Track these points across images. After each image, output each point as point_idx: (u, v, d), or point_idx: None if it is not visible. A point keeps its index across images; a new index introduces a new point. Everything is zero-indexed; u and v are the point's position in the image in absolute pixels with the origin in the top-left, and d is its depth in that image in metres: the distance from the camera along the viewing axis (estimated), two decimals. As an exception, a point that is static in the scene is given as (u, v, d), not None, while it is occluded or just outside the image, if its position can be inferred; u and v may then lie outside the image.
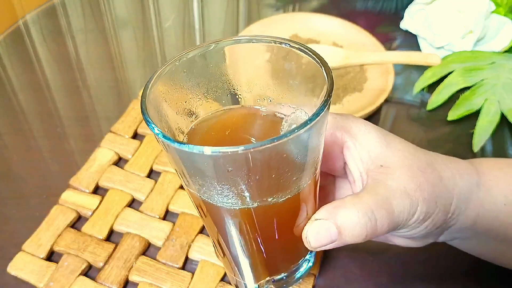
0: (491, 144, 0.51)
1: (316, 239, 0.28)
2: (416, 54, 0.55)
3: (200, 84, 0.30)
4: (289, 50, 0.28)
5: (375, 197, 0.28)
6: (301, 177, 0.26)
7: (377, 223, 0.28)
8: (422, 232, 0.32)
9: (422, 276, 0.41)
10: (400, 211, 0.29)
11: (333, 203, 0.29)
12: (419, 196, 0.29)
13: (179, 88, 0.29)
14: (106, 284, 0.38)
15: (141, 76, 0.57)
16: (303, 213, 0.28)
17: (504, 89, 0.53)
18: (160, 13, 0.65)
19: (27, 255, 0.40)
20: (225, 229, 0.28)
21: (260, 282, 0.32)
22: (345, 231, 0.28)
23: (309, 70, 0.27)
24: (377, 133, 0.31)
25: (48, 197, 0.44)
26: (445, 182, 0.31)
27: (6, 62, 0.57)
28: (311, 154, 0.26)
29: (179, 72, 0.28)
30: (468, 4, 0.55)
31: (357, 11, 0.67)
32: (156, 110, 0.27)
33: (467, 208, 0.32)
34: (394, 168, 0.30)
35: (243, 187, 0.24)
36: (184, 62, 0.28)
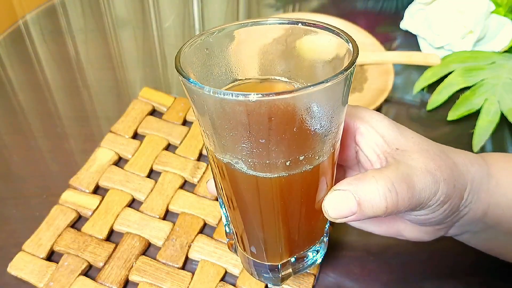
0: (491, 144, 0.51)
1: (334, 209, 0.28)
2: (416, 54, 0.55)
3: (222, 62, 0.30)
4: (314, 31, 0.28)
5: (396, 171, 0.28)
6: (323, 145, 0.26)
7: (398, 196, 0.27)
8: (440, 217, 0.31)
9: (422, 276, 0.41)
10: (422, 188, 0.28)
11: (354, 176, 0.28)
12: (440, 176, 0.29)
13: (201, 63, 0.29)
14: (106, 284, 0.38)
15: (141, 76, 0.57)
16: (322, 186, 0.28)
17: (504, 89, 0.53)
18: (160, 13, 0.65)
19: (27, 255, 0.40)
20: (248, 200, 0.28)
21: (282, 261, 0.32)
22: (364, 202, 0.27)
23: (332, 49, 0.28)
24: (389, 122, 0.31)
25: (48, 197, 0.44)
26: (459, 168, 0.31)
27: (6, 62, 0.57)
28: (335, 118, 0.26)
29: (202, 49, 0.28)
30: (468, 4, 0.55)
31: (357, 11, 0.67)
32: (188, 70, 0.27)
33: (479, 197, 0.32)
34: (411, 151, 0.30)
35: (269, 145, 0.24)
36: (207, 40, 0.28)
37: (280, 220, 0.29)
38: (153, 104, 0.52)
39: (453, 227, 0.34)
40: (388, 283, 0.40)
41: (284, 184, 0.26)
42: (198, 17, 0.65)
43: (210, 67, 0.29)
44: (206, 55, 0.29)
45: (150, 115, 0.51)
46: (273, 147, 0.25)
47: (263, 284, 0.39)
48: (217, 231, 0.42)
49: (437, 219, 0.32)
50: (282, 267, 0.32)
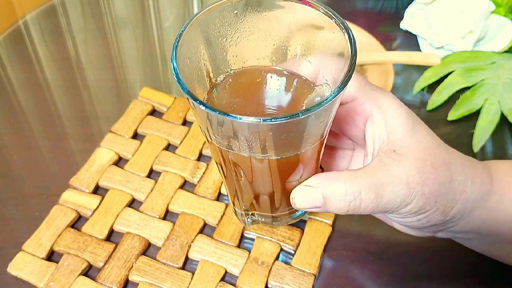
0: (491, 144, 0.51)
1: (301, 202, 0.30)
2: (416, 54, 0.55)
3: (236, 34, 0.31)
4: (319, 16, 0.29)
5: (370, 178, 0.29)
6: (305, 143, 0.28)
7: (361, 204, 0.29)
8: (414, 224, 0.32)
9: (422, 276, 0.41)
10: (392, 199, 0.29)
11: (328, 174, 0.30)
12: (419, 190, 0.29)
13: (217, 32, 0.30)
14: (106, 284, 0.38)
15: (141, 76, 0.57)
16: (299, 172, 0.30)
17: (504, 89, 0.53)
18: (160, 13, 0.65)
19: (27, 255, 0.40)
20: (231, 166, 0.30)
21: (251, 212, 0.35)
22: (329, 202, 0.29)
23: (333, 38, 0.29)
24: (406, 119, 0.31)
25: (48, 197, 0.44)
26: (454, 185, 0.31)
27: (6, 62, 0.57)
28: (320, 128, 0.28)
29: (222, 16, 0.29)
30: (468, 4, 0.55)
31: (357, 11, 0.67)
32: (185, 59, 0.28)
33: (471, 214, 0.32)
34: (407, 156, 0.30)
35: (257, 145, 0.27)
36: (206, 16, 0.29)
37: (265, 189, 0.32)
38: (153, 104, 0.52)
39: (441, 232, 0.34)
40: (388, 283, 0.40)
41: (273, 164, 0.29)
42: (198, 17, 0.65)
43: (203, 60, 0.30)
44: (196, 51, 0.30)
45: (150, 115, 0.51)
46: (254, 147, 0.27)
47: (263, 285, 0.39)
48: (217, 231, 0.42)
49: (411, 224, 0.32)
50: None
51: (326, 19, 0.28)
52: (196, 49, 0.29)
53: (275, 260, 0.40)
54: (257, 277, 0.39)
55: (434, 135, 0.32)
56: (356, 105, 0.31)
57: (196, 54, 0.29)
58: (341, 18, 0.28)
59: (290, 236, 0.41)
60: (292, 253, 0.41)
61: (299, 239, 0.41)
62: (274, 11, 0.30)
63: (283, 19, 0.30)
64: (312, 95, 0.30)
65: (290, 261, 0.41)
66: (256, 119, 0.24)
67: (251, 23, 0.31)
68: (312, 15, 0.29)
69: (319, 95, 0.30)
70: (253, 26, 0.31)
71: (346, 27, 0.28)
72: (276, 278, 0.39)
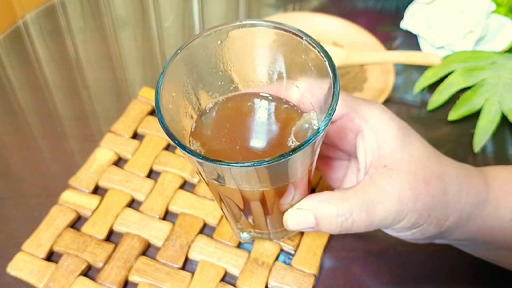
0: (491, 144, 0.51)
1: (294, 224, 0.31)
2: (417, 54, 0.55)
3: (209, 68, 0.31)
4: (303, 44, 0.29)
5: (362, 197, 0.29)
6: (295, 174, 0.28)
7: (353, 224, 0.29)
8: (409, 237, 0.32)
9: (422, 276, 0.40)
10: (384, 217, 0.29)
11: (320, 195, 0.30)
12: (411, 206, 0.29)
13: (188, 74, 0.30)
14: (106, 284, 0.38)
15: (141, 76, 0.57)
16: (290, 196, 0.31)
17: (504, 89, 0.53)
18: (160, 13, 0.65)
19: (27, 255, 0.40)
20: (221, 195, 0.31)
21: (246, 230, 0.37)
22: (322, 223, 0.30)
23: (317, 65, 0.28)
24: (397, 132, 0.30)
25: (48, 197, 0.44)
26: (448, 197, 0.31)
27: (6, 62, 0.57)
28: (308, 160, 0.28)
29: (188, 59, 0.29)
30: (469, 4, 0.55)
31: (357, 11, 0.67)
32: (170, 95, 0.29)
33: (466, 224, 0.32)
34: (398, 171, 0.29)
35: (248, 182, 0.27)
36: (190, 49, 0.29)
37: (257, 213, 0.32)
38: (153, 104, 0.52)
39: (437, 240, 0.34)
40: (388, 283, 0.40)
41: (262, 194, 0.29)
42: (198, 17, 0.65)
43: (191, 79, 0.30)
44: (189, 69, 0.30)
45: (150, 115, 0.51)
46: (253, 182, 0.28)
47: (263, 285, 0.39)
48: (217, 231, 0.42)
49: (406, 237, 0.32)
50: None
51: (309, 47, 0.28)
52: (180, 83, 0.29)
53: (275, 261, 0.40)
54: (257, 277, 0.39)
55: (427, 145, 0.31)
56: (345, 121, 0.31)
57: (181, 88, 0.29)
58: (322, 48, 0.28)
59: (290, 236, 0.41)
60: (292, 253, 0.41)
61: (299, 239, 0.41)
62: (258, 38, 0.30)
63: (266, 45, 0.30)
64: (300, 122, 0.30)
65: (290, 262, 0.40)
66: (246, 164, 0.24)
67: (236, 51, 0.31)
68: (295, 43, 0.29)
69: (307, 122, 0.30)
70: (238, 53, 0.31)
71: (328, 57, 0.27)
72: (276, 279, 0.39)
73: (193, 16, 0.65)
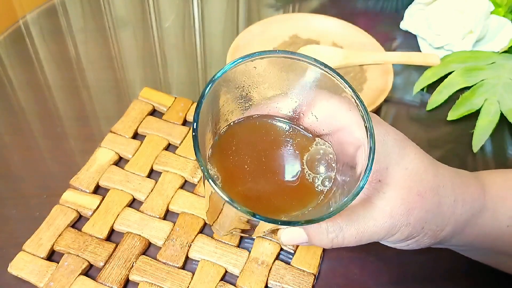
0: (491, 144, 0.51)
1: (287, 240, 0.31)
2: (416, 54, 0.55)
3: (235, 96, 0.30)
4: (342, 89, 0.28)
5: (350, 215, 0.30)
6: None
7: (344, 240, 0.30)
8: (404, 248, 0.32)
9: (422, 277, 0.41)
10: (375, 232, 0.30)
11: None
12: (404, 221, 0.30)
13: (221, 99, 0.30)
14: (107, 283, 0.38)
15: (141, 76, 0.57)
16: None
17: (504, 89, 0.53)
18: (160, 13, 0.65)
19: (28, 255, 0.40)
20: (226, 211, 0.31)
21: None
22: (313, 239, 0.30)
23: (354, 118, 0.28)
24: (392, 146, 0.30)
25: (49, 197, 0.44)
26: (443, 209, 0.31)
27: (6, 62, 0.57)
28: None
29: (247, 72, 0.29)
30: (468, 5, 0.55)
31: (357, 11, 0.67)
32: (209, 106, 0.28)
33: (463, 232, 0.32)
34: (392, 187, 0.30)
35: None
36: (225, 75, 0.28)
37: None
38: (153, 104, 0.52)
39: (434, 246, 0.34)
40: (388, 283, 0.40)
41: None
42: (198, 17, 0.65)
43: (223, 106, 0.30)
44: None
45: (150, 115, 0.51)
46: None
47: (263, 285, 0.39)
48: (217, 231, 0.42)
49: (401, 248, 0.33)
50: None
51: (348, 97, 0.28)
52: (209, 109, 0.28)
53: (275, 260, 0.40)
54: (257, 277, 0.39)
55: (423, 156, 0.31)
56: (345, 134, 0.31)
57: (207, 114, 0.28)
58: (363, 103, 0.27)
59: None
60: (292, 253, 0.41)
61: (299, 239, 0.41)
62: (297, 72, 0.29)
63: (304, 81, 0.30)
64: (313, 150, 0.31)
65: (290, 261, 0.41)
66: (268, 219, 0.24)
67: (268, 78, 0.30)
68: (333, 85, 0.29)
69: (321, 149, 0.30)
70: (269, 79, 0.30)
71: (367, 117, 0.27)
72: (276, 278, 0.39)
73: (193, 16, 0.65)
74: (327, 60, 0.56)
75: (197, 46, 0.61)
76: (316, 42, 0.59)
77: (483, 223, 0.32)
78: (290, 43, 0.58)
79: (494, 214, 0.32)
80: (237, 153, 0.30)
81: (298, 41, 0.59)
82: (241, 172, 0.29)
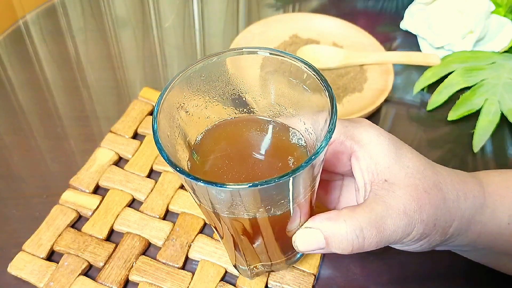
0: (491, 144, 0.51)
1: (303, 245, 0.30)
2: (416, 54, 0.55)
3: (209, 95, 0.31)
4: (297, 68, 0.28)
5: (369, 214, 0.29)
6: (297, 198, 0.27)
7: (364, 241, 0.29)
8: (417, 249, 0.32)
9: (422, 277, 0.41)
10: (393, 231, 0.29)
11: (327, 214, 0.29)
12: (418, 218, 0.29)
13: (190, 98, 0.30)
14: (106, 284, 0.38)
15: (141, 76, 0.57)
16: (296, 221, 0.30)
17: (504, 89, 0.53)
18: (160, 13, 0.65)
19: (28, 255, 0.40)
20: (227, 227, 0.30)
21: (254, 265, 0.35)
22: (332, 242, 0.29)
23: (313, 87, 0.28)
24: (388, 146, 0.30)
25: (48, 197, 0.44)
26: (448, 204, 0.31)
27: (6, 62, 0.57)
28: (310, 181, 0.27)
29: (190, 83, 0.29)
30: (469, 4, 0.55)
31: (357, 11, 0.67)
32: (168, 122, 0.28)
33: (468, 229, 0.32)
34: (398, 185, 0.30)
35: (245, 210, 0.27)
36: (190, 75, 0.29)
37: (255, 243, 0.31)
38: (153, 104, 0.52)
39: (439, 247, 0.34)
40: (388, 283, 0.40)
41: (259, 222, 0.28)
42: (198, 17, 0.65)
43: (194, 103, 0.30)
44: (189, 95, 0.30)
45: (150, 115, 0.51)
46: (248, 210, 0.27)
47: (263, 285, 0.39)
48: (217, 231, 0.42)
49: (413, 249, 0.32)
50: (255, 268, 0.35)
51: (302, 68, 0.28)
52: (171, 122, 0.29)
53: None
54: (257, 277, 0.39)
55: (419, 155, 0.31)
56: (336, 145, 0.31)
57: (173, 127, 0.29)
58: (312, 66, 0.27)
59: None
60: (292, 253, 0.41)
61: (299, 239, 0.41)
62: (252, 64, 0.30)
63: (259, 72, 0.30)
64: (293, 141, 0.30)
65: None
66: (243, 185, 0.23)
67: (221, 83, 0.30)
68: (287, 67, 0.29)
69: (298, 140, 0.30)
70: (222, 87, 0.30)
71: (323, 79, 0.27)
72: (276, 278, 0.39)
73: (193, 16, 0.65)
74: (327, 60, 0.56)
75: (197, 46, 0.61)
76: (316, 42, 0.59)
77: (484, 221, 0.32)
78: (290, 43, 0.58)
79: (494, 212, 0.33)
80: (217, 161, 0.30)
81: (298, 41, 0.59)
82: (226, 178, 0.29)
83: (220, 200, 0.26)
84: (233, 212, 0.27)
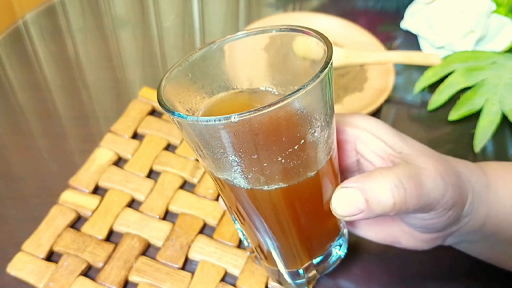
0: (492, 145, 0.51)
1: (342, 207, 0.27)
2: (417, 54, 0.55)
3: (206, 83, 0.30)
4: (283, 35, 0.28)
5: (404, 169, 0.27)
6: (316, 152, 0.25)
7: (406, 192, 0.27)
8: (444, 223, 0.31)
9: (422, 277, 0.40)
10: (431, 188, 0.28)
11: (361, 174, 0.28)
12: (449, 180, 0.28)
13: (186, 90, 0.29)
14: (106, 284, 0.38)
15: (141, 76, 0.57)
16: (326, 190, 0.28)
17: (505, 89, 0.53)
18: (160, 13, 0.65)
19: (27, 255, 0.39)
20: (253, 213, 0.28)
21: (304, 266, 0.31)
22: (371, 198, 0.26)
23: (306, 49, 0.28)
24: (389, 127, 0.31)
25: (48, 197, 0.44)
26: (462, 176, 0.31)
27: (5, 62, 0.57)
28: (322, 123, 0.25)
29: (184, 76, 0.29)
30: (469, 4, 0.55)
31: (357, 11, 0.67)
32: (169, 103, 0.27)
33: (478, 207, 0.32)
34: (416, 155, 0.29)
35: (261, 160, 0.24)
36: (188, 65, 0.28)
37: (289, 228, 0.28)
38: (153, 104, 0.51)
39: (451, 237, 0.34)
40: (388, 283, 0.40)
41: (285, 194, 0.26)
42: (198, 17, 0.65)
43: (196, 89, 0.29)
44: (189, 80, 0.29)
45: (150, 115, 0.51)
46: (266, 162, 0.24)
47: (263, 285, 0.39)
48: (217, 231, 0.42)
49: (440, 225, 0.31)
50: (305, 271, 0.32)
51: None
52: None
53: (275, 261, 0.40)
54: (257, 277, 0.39)
55: (416, 141, 0.32)
56: (338, 135, 0.30)
57: None
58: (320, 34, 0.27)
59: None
60: (292, 254, 0.41)
61: (299, 239, 0.41)
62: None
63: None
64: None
65: (290, 262, 0.40)
66: (248, 112, 0.21)
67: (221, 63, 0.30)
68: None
69: None
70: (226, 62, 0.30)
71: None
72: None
73: (193, 16, 0.65)
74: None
75: (197, 46, 0.61)
76: (316, 42, 0.58)
77: (490, 201, 0.32)
78: (291, 43, 0.58)
79: (497, 193, 0.33)
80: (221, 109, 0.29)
81: (298, 40, 0.58)
82: None
83: (234, 145, 0.23)
84: (260, 174, 0.24)
